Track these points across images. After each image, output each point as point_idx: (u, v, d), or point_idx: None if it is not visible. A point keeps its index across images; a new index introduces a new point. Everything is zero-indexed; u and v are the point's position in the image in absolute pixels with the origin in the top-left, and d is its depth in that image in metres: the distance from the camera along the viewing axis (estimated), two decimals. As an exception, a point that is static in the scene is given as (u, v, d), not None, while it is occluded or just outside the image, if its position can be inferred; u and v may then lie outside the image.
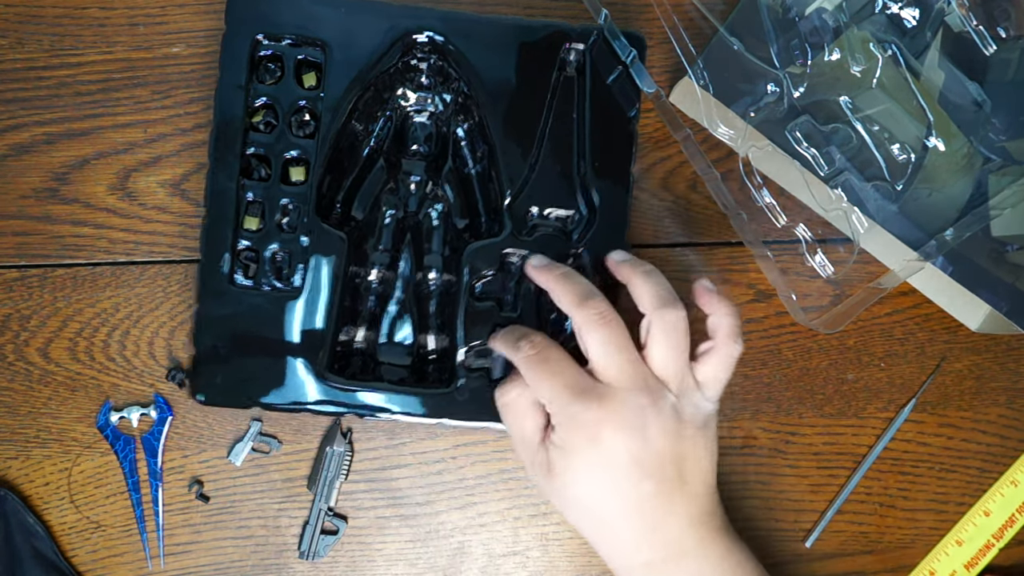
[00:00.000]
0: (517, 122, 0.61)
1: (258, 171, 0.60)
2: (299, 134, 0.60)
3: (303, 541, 0.63)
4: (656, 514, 0.53)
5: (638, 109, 0.61)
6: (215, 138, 0.59)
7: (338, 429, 0.63)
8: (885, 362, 0.65)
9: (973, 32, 0.59)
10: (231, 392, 0.59)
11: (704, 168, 0.61)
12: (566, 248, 0.60)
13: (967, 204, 0.59)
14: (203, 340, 0.59)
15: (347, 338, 0.61)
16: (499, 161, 0.60)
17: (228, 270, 0.59)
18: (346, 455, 0.63)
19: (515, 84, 0.60)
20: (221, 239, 0.59)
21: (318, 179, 0.60)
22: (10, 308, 0.63)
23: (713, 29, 0.60)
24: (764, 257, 0.60)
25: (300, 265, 0.60)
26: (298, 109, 0.61)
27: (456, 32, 0.60)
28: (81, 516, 0.63)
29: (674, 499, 0.54)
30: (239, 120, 0.60)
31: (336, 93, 0.60)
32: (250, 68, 0.60)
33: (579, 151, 0.61)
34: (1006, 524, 0.64)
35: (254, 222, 0.60)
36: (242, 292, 0.59)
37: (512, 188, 0.60)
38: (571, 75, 0.61)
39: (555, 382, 0.54)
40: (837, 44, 0.59)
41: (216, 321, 0.59)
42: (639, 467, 0.53)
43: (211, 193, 0.59)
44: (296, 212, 0.60)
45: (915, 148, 0.59)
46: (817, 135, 0.60)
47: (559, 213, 0.61)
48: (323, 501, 0.63)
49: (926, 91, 0.59)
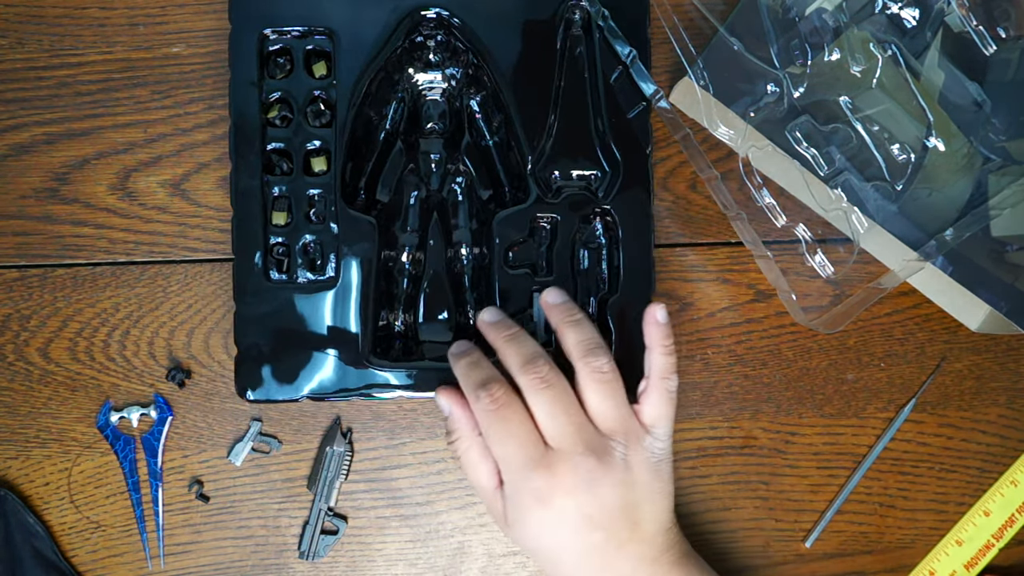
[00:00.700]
0: (530, 87, 0.61)
1: (280, 166, 0.61)
2: (316, 124, 0.61)
3: (303, 541, 0.63)
4: (606, 558, 0.54)
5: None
6: (234, 138, 0.60)
7: (338, 429, 0.63)
8: (885, 362, 0.65)
9: (973, 32, 0.59)
10: (278, 386, 0.59)
11: (704, 168, 0.61)
12: (594, 206, 0.61)
13: (967, 204, 0.59)
14: (244, 339, 0.59)
15: (386, 322, 0.61)
16: (517, 128, 0.60)
17: (262, 267, 0.59)
18: (346, 455, 0.63)
19: (524, 49, 0.61)
20: (252, 237, 0.59)
21: (340, 167, 0.60)
22: (10, 308, 0.63)
23: (713, 29, 0.60)
24: (764, 257, 0.60)
25: (332, 254, 0.60)
26: (312, 100, 0.61)
27: (460, 5, 0.60)
28: (81, 516, 0.63)
29: (624, 544, 0.54)
30: (255, 117, 0.60)
31: (348, 80, 0.60)
32: (260, 64, 0.60)
33: (595, 108, 0.61)
34: (1006, 524, 0.64)
35: (282, 217, 0.60)
36: (278, 287, 0.60)
37: (533, 153, 0.61)
38: (577, 34, 0.61)
39: (508, 444, 0.54)
40: (837, 44, 0.59)
41: (255, 319, 0.59)
42: (589, 522, 0.54)
43: (236, 193, 0.59)
44: (322, 202, 0.60)
45: (915, 148, 0.59)
46: (817, 135, 0.60)
47: (583, 172, 0.61)
48: (323, 501, 0.63)
49: (926, 91, 0.59)
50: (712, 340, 0.64)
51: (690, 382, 0.64)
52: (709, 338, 0.64)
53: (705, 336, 0.65)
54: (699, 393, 0.64)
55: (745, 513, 0.65)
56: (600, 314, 0.61)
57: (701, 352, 0.65)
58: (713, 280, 0.65)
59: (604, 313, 0.60)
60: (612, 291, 0.61)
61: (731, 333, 0.65)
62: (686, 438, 0.64)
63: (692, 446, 0.64)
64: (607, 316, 0.60)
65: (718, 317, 0.65)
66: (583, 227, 0.61)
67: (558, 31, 0.61)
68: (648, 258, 0.61)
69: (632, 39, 0.60)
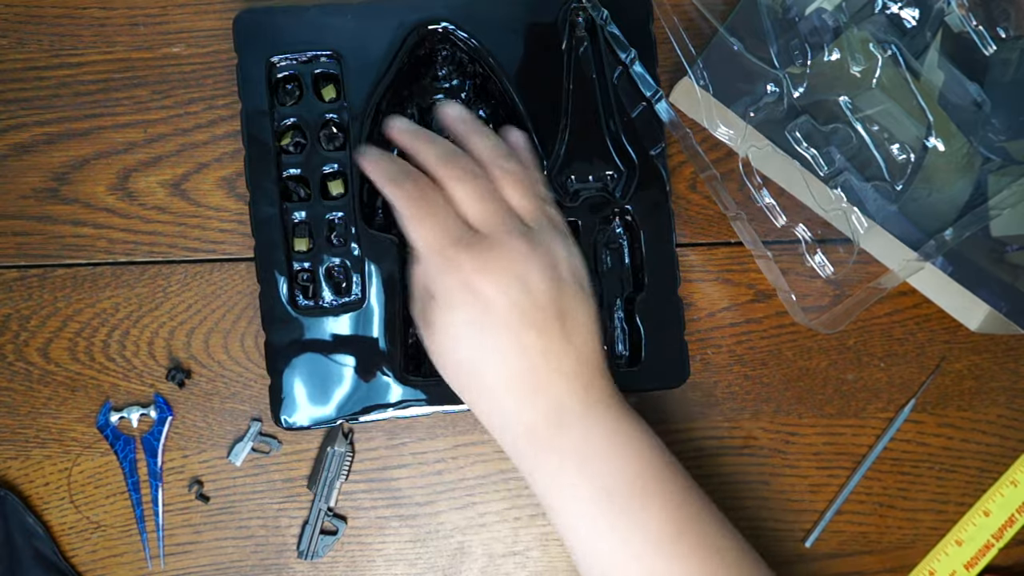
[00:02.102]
0: (539, 93, 0.61)
1: (297, 192, 0.60)
2: (330, 148, 0.60)
3: (302, 540, 0.63)
4: (538, 374, 0.51)
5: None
6: (249, 168, 0.59)
7: (339, 430, 0.63)
8: (885, 362, 0.65)
9: (973, 32, 0.59)
10: (314, 411, 0.59)
11: (704, 168, 0.61)
12: (613, 206, 0.61)
13: (967, 204, 0.59)
14: (277, 367, 0.59)
15: (415, 338, 0.61)
16: (531, 134, 0.60)
17: (288, 294, 0.59)
18: (347, 455, 0.63)
19: (530, 56, 0.60)
20: (275, 266, 0.59)
21: (357, 188, 0.60)
22: (10, 308, 0.63)
23: (713, 29, 0.60)
24: (764, 257, 0.60)
25: (356, 275, 0.60)
26: (324, 123, 0.60)
27: (462, 16, 0.60)
28: (81, 516, 0.63)
29: (559, 356, 0.51)
30: (269, 146, 0.59)
31: (358, 100, 0.60)
32: (269, 92, 0.60)
33: (605, 109, 0.61)
34: (1006, 524, 0.64)
35: (303, 243, 0.60)
36: (305, 313, 0.59)
37: (548, 158, 0.61)
38: (582, 35, 0.61)
39: (431, 224, 0.51)
40: (837, 44, 0.59)
41: (285, 346, 0.59)
42: (521, 315, 0.50)
43: (256, 223, 0.59)
44: (342, 224, 0.60)
45: (915, 148, 0.59)
46: (817, 135, 0.60)
47: (599, 173, 0.61)
48: (323, 501, 0.63)
49: (926, 91, 0.59)
50: (712, 340, 0.65)
51: (690, 382, 0.64)
52: (709, 338, 0.64)
53: (705, 336, 0.65)
54: (699, 393, 0.65)
55: (745, 513, 0.65)
56: (627, 313, 0.61)
57: (701, 352, 0.65)
58: (713, 280, 0.65)
59: (632, 312, 0.61)
60: (637, 289, 0.61)
61: (731, 333, 0.65)
62: (686, 438, 0.64)
63: (692, 446, 0.64)
64: (635, 315, 0.60)
65: (718, 317, 0.65)
66: (603, 228, 0.62)
67: (563, 35, 0.61)
68: (671, 252, 0.61)
69: (636, 39, 0.60)
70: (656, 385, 0.61)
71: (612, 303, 0.62)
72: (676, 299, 0.61)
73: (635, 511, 0.51)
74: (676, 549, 0.51)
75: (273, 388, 0.59)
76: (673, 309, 0.61)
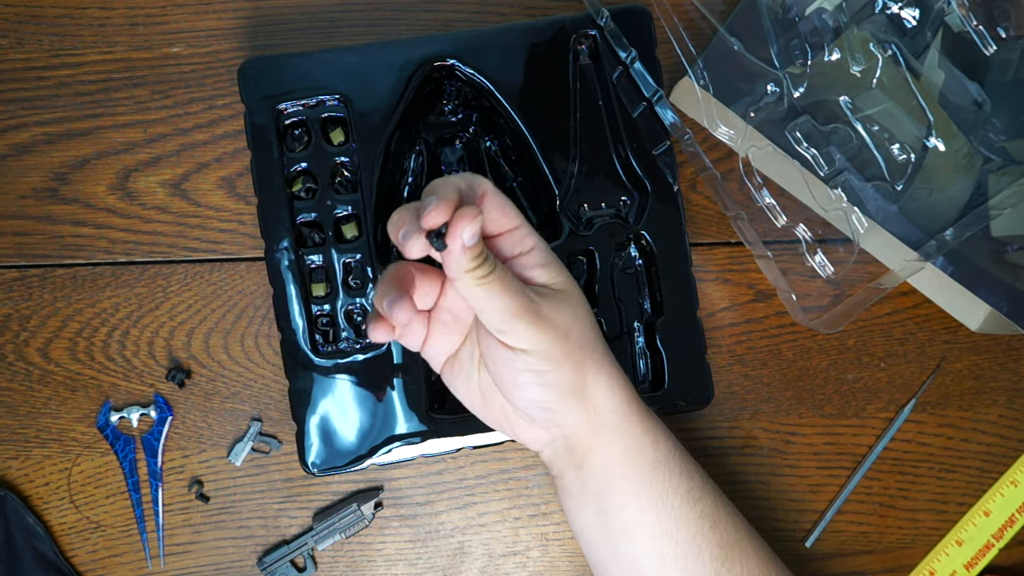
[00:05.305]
0: (548, 123, 0.60)
1: (311, 237, 0.60)
2: (342, 191, 0.60)
3: (270, 556, 0.62)
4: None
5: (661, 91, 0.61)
6: (263, 217, 0.59)
7: (376, 495, 0.63)
8: (885, 362, 0.65)
9: (973, 32, 0.59)
10: (340, 454, 0.59)
11: (704, 168, 0.61)
12: (627, 232, 0.61)
13: (967, 204, 0.59)
14: (301, 413, 0.59)
15: (438, 375, 0.61)
16: (541, 165, 0.60)
17: (309, 340, 0.59)
18: (364, 521, 0.62)
19: (536, 87, 0.60)
20: (294, 313, 0.59)
21: (371, 230, 0.60)
22: (10, 308, 0.63)
23: (713, 29, 0.60)
24: (764, 257, 0.60)
25: None
26: (335, 167, 0.60)
27: (466, 51, 0.60)
28: (81, 516, 0.63)
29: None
30: (281, 193, 0.59)
31: (367, 142, 0.60)
32: (279, 140, 0.59)
33: (614, 135, 0.61)
34: (1006, 524, 0.64)
35: (321, 288, 0.60)
36: (327, 357, 0.59)
37: (560, 188, 0.60)
38: (586, 63, 0.61)
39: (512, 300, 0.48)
40: (837, 44, 0.59)
41: (308, 392, 0.59)
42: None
43: (272, 271, 0.59)
44: (359, 267, 0.60)
45: (915, 148, 0.59)
46: (817, 135, 0.60)
47: (611, 200, 0.61)
48: (315, 540, 0.62)
49: (926, 91, 0.59)
50: (712, 340, 0.64)
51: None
52: (709, 338, 0.64)
53: (705, 336, 0.65)
54: (699, 393, 0.64)
55: (745, 513, 0.64)
56: (648, 338, 0.61)
57: (701, 352, 0.65)
58: (713, 280, 0.65)
59: (653, 337, 0.60)
60: (656, 313, 0.61)
61: (731, 333, 0.65)
62: (686, 438, 0.64)
63: (692, 446, 0.64)
64: (656, 339, 0.60)
65: (718, 317, 0.65)
66: (619, 254, 0.61)
67: (568, 64, 0.61)
68: (688, 275, 0.60)
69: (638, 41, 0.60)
70: (682, 407, 0.61)
71: (632, 329, 0.62)
72: (696, 320, 0.61)
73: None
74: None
75: (299, 434, 0.59)
76: (694, 330, 0.61)
